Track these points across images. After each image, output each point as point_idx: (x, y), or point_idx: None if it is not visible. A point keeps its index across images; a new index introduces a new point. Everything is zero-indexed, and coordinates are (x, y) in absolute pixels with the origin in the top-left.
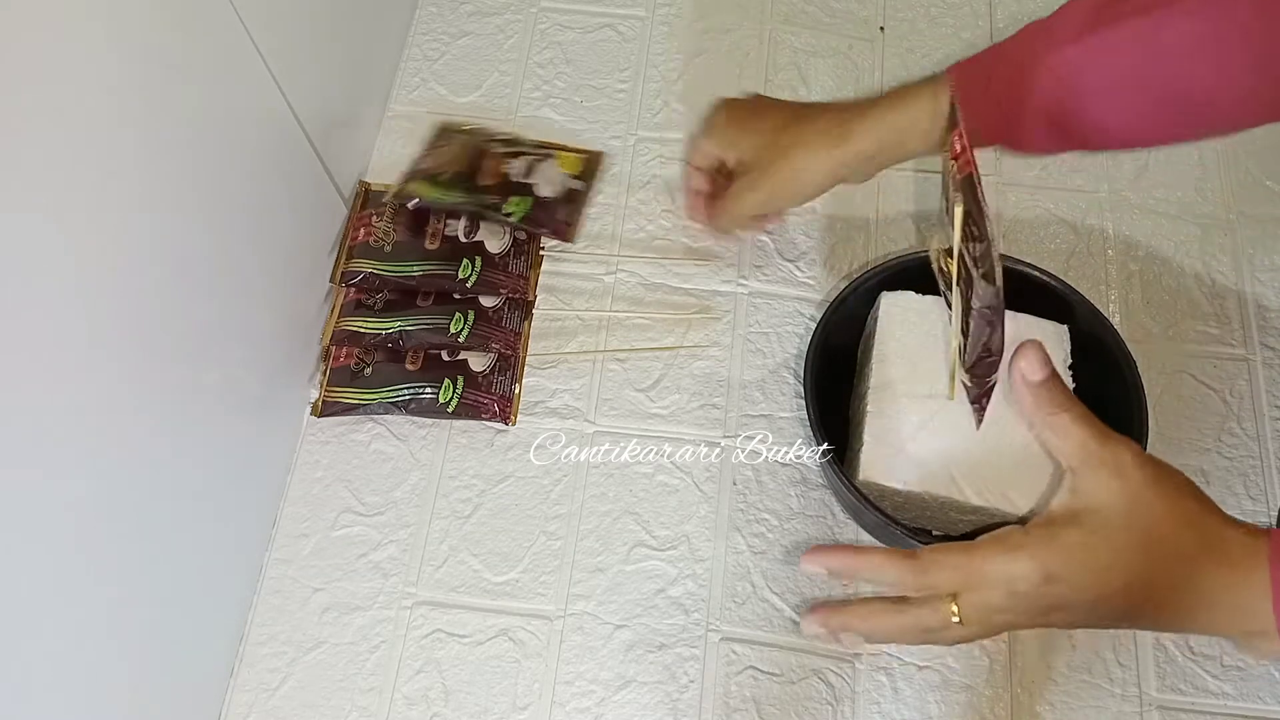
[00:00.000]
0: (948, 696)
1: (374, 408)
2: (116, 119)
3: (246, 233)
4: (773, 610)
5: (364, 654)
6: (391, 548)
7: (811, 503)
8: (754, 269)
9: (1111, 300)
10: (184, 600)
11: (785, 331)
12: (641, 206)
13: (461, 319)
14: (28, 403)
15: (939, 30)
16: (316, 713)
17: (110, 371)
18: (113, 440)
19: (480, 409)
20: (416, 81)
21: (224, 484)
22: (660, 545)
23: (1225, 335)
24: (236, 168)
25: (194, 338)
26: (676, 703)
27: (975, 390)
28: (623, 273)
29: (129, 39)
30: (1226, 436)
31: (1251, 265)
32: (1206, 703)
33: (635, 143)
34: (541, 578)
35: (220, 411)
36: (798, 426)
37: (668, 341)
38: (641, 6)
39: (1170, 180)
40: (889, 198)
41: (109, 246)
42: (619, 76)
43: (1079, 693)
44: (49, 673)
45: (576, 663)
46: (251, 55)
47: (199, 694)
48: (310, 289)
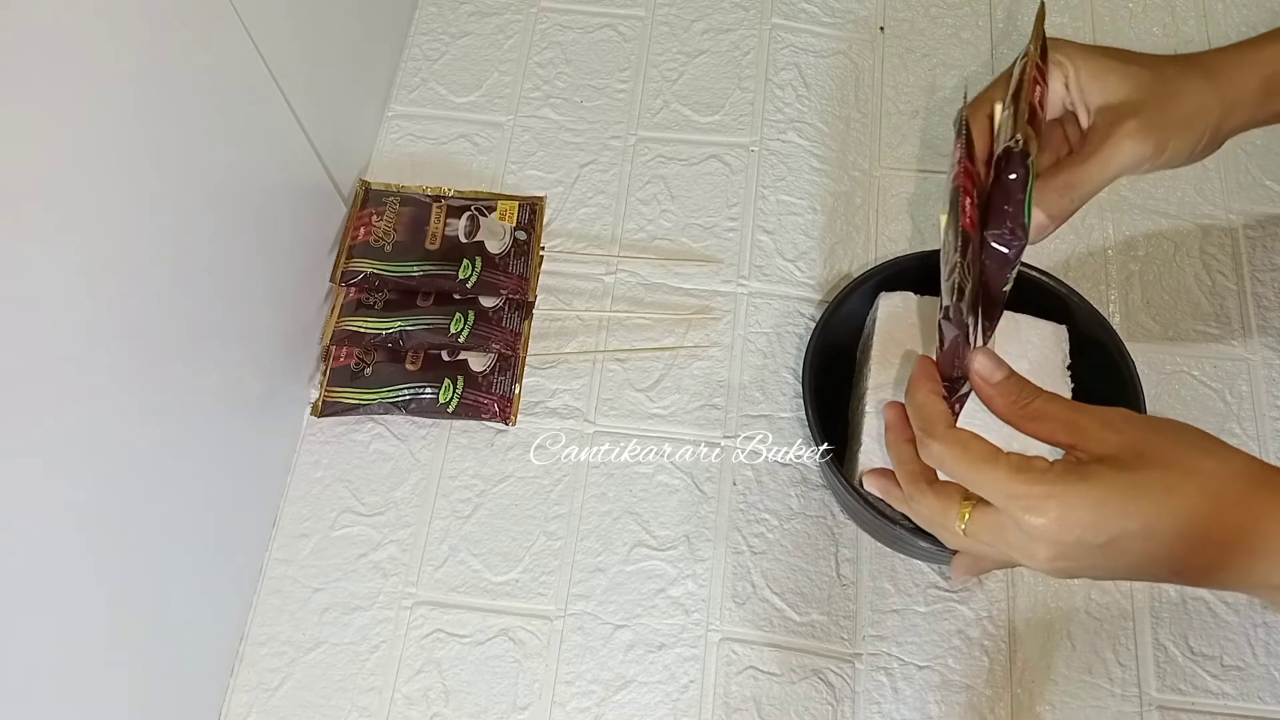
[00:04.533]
0: (948, 696)
1: (374, 408)
2: (117, 120)
3: (246, 233)
4: (773, 610)
5: (364, 654)
6: (391, 548)
7: (811, 503)
8: (754, 269)
9: (1111, 300)
10: (184, 600)
11: (785, 331)
12: (641, 206)
13: (461, 319)
14: (27, 402)
15: (939, 30)
16: (316, 713)
17: (110, 371)
18: (112, 440)
19: (480, 409)
20: (416, 81)
21: (224, 484)
22: (660, 545)
23: (1225, 335)
24: (236, 168)
25: (194, 337)
26: (676, 703)
27: (950, 398)
28: (623, 273)
29: (130, 39)
30: (1226, 436)
31: (1251, 265)
32: (1206, 703)
33: (635, 143)
34: (541, 578)
35: (220, 411)
36: (798, 426)
37: (668, 341)
38: (641, 6)
39: (1170, 180)
40: (889, 198)
41: (109, 246)
42: (619, 76)
43: (1079, 693)
44: (49, 673)
45: (576, 663)
46: (252, 55)
47: (199, 694)
48: (310, 289)
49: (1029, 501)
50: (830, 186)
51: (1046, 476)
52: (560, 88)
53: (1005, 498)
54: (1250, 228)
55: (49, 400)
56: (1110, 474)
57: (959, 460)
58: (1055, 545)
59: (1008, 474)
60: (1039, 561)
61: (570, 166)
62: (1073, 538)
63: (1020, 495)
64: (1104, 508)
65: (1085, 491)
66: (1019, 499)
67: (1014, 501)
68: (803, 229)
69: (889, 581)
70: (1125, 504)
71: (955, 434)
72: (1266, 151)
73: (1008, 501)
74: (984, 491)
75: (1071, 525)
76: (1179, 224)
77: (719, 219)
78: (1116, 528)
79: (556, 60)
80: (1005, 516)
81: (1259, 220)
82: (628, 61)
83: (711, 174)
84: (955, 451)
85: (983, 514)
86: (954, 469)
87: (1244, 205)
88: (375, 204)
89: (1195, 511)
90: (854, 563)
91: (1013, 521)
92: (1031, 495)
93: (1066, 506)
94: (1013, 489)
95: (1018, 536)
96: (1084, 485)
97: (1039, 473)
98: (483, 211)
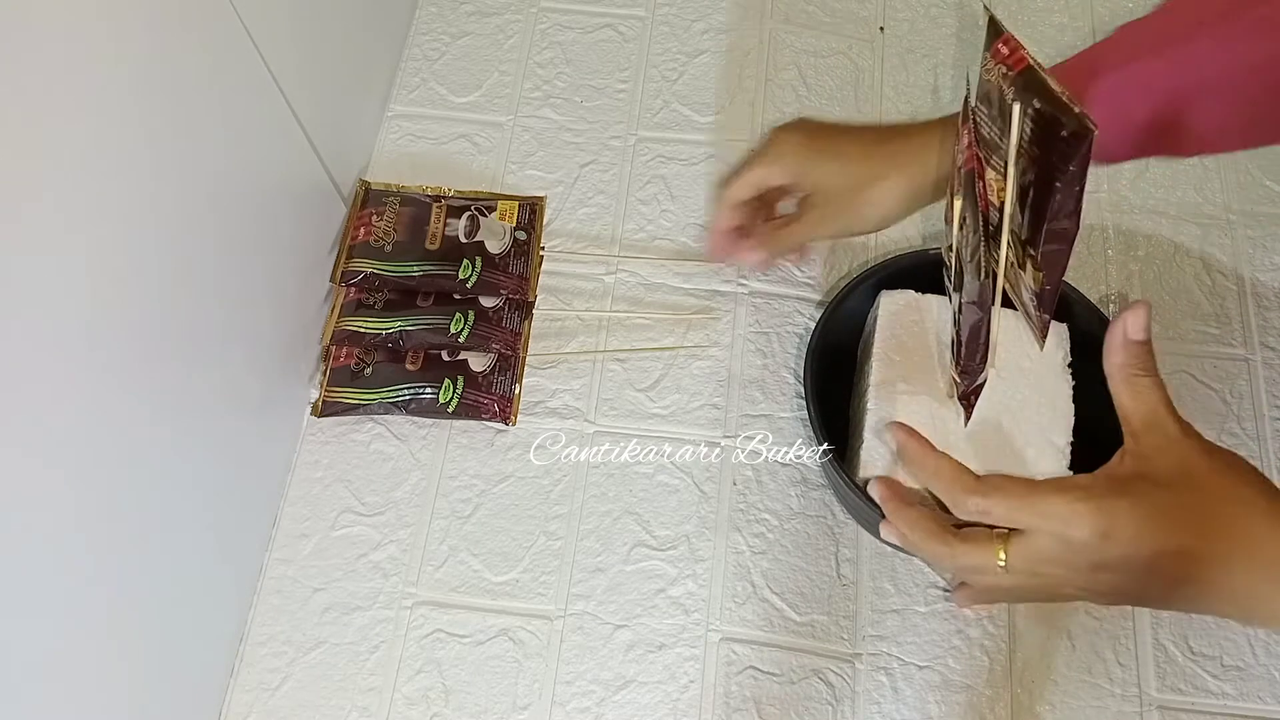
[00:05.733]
0: (948, 696)
1: (374, 408)
2: (117, 121)
3: (246, 232)
4: (773, 610)
5: (364, 654)
6: (391, 548)
7: (811, 503)
8: (754, 269)
9: (1111, 300)
10: (184, 600)
11: (785, 331)
12: (641, 206)
13: (461, 319)
14: (28, 402)
15: (939, 30)
16: (316, 713)
17: (110, 372)
18: (113, 440)
19: (480, 409)
20: (416, 81)
21: (224, 484)
22: (660, 545)
23: (1225, 335)
24: (236, 168)
25: (194, 338)
26: (676, 703)
27: (963, 387)
28: (623, 273)
29: (130, 40)
30: (1226, 436)
31: (1251, 265)
32: (1206, 703)
33: (635, 143)
34: (542, 578)
35: (220, 411)
36: (798, 426)
37: (668, 341)
38: (641, 6)
39: (1170, 180)
40: None
41: (108, 247)
42: (619, 76)
43: (1079, 693)
44: (49, 672)
45: (577, 663)
46: (252, 55)
47: (199, 694)
48: (310, 288)
49: (1071, 517)
50: None
51: (1092, 491)
52: (560, 88)
53: (1051, 518)
54: (1250, 228)
55: (49, 400)
56: (1151, 489)
57: (1003, 502)
58: (1099, 556)
59: (1049, 494)
60: (1082, 576)
61: (570, 166)
62: (1115, 553)
63: (1062, 514)
64: (1149, 521)
65: (1128, 506)
66: (1061, 517)
67: (1057, 520)
68: None
69: (889, 581)
70: (1166, 521)
71: (983, 484)
72: (1267, 152)
73: (1053, 521)
74: (1033, 519)
75: (1118, 538)
76: (1179, 224)
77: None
78: (1159, 543)
79: (556, 60)
80: (1045, 538)
81: (1259, 220)
82: (628, 61)
83: (711, 174)
84: (997, 496)
85: (1021, 543)
86: (1000, 511)
87: (1244, 205)
88: (375, 204)
89: (1236, 535)
90: (854, 563)
91: (1055, 540)
92: (1074, 511)
93: (1112, 516)
94: (1055, 509)
95: (1061, 553)
96: (1127, 500)
97: (1082, 489)
98: (483, 211)
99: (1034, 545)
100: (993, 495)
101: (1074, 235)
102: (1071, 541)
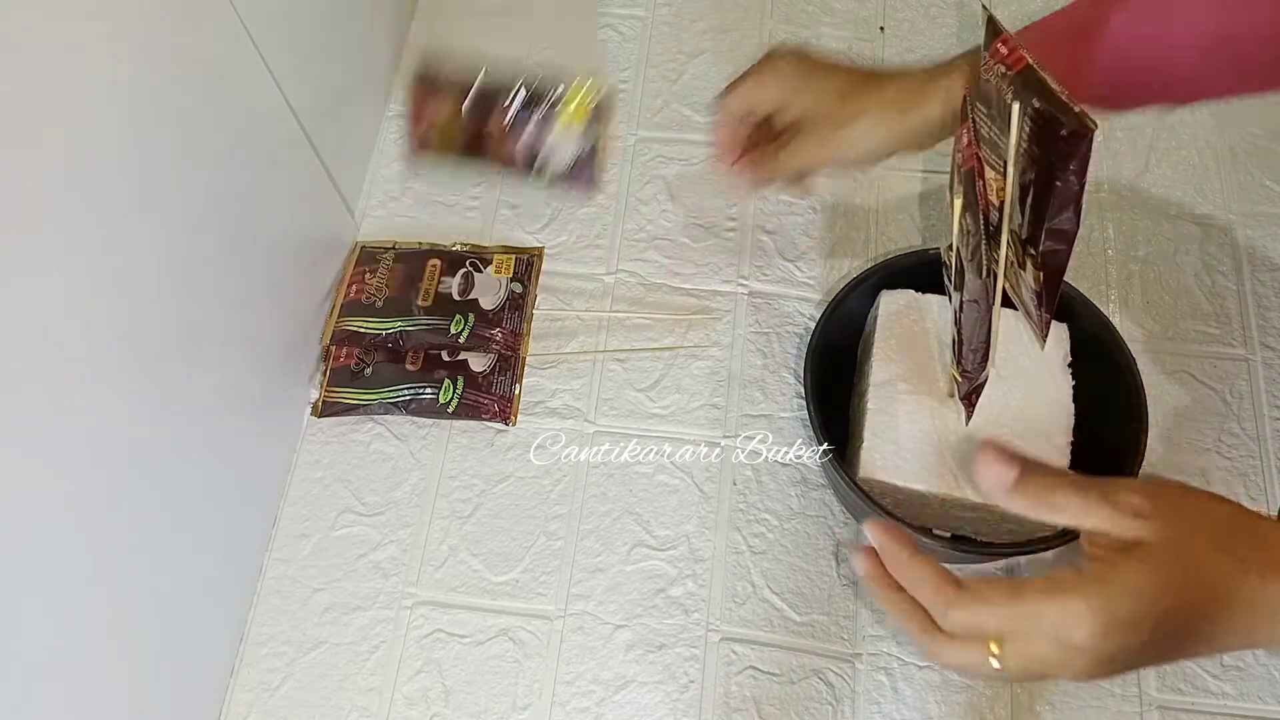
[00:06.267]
0: (948, 696)
1: (374, 408)
2: (118, 122)
3: (245, 233)
4: (773, 610)
5: (364, 654)
6: (391, 548)
7: (811, 503)
8: (754, 269)
9: (1111, 300)
10: (184, 600)
11: (785, 331)
12: (641, 206)
13: (461, 320)
14: (28, 402)
15: (939, 30)
16: (316, 713)
17: (111, 372)
18: (113, 440)
19: (480, 409)
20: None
21: (224, 484)
22: (660, 545)
23: (1225, 335)
24: (236, 168)
25: (194, 338)
26: (676, 703)
27: (966, 386)
28: (623, 273)
29: (130, 40)
30: (1226, 436)
31: (1251, 265)
32: (1206, 703)
33: (635, 143)
34: (541, 578)
35: (220, 412)
36: (798, 426)
37: (668, 341)
38: (641, 6)
39: (1170, 180)
40: (889, 197)
41: (109, 248)
42: (619, 76)
43: (1079, 693)
44: (50, 672)
45: (576, 663)
46: (252, 56)
47: (199, 694)
48: (310, 289)
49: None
50: (830, 186)
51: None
52: None
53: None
54: (1250, 228)
55: (50, 400)
56: (1137, 563)
57: (993, 614)
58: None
59: (1039, 600)
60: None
61: None
62: (1116, 644)
63: (1056, 620)
64: (1145, 598)
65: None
66: (1056, 624)
67: (1052, 628)
68: (803, 229)
69: None
70: (1157, 587)
71: (967, 594)
72: (1267, 151)
73: (1048, 628)
74: (1020, 628)
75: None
76: (1179, 224)
77: (719, 219)
78: (1159, 610)
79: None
80: (1042, 642)
81: (1259, 220)
82: (628, 61)
83: (712, 174)
84: (977, 610)
85: (1015, 646)
86: (984, 625)
87: (1244, 205)
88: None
89: (1227, 570)
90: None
91: (1053, 643)
92: (1071, 613)
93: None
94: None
95: (1060, 654)
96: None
97: (1075, 591)
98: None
99: (1030, 650)
100: (979, 609)
101: (1074, 235)
102: (1070, 643)
